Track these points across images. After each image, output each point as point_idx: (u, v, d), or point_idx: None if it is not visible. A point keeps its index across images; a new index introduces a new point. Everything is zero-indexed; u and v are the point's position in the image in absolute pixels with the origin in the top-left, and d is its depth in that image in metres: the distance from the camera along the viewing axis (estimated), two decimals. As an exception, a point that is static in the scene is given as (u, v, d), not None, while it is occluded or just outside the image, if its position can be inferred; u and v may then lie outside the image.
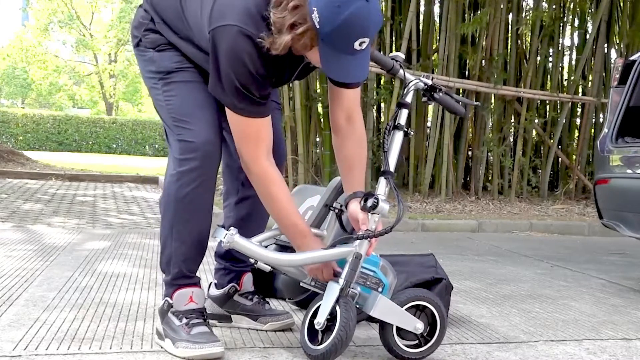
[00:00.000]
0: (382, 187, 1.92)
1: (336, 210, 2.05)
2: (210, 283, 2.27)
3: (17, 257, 3.30)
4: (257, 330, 2.15)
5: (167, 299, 1.95)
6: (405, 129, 2.01)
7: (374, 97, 7.42)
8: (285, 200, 1.91)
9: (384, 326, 1.89)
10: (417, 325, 1.88)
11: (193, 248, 1.96)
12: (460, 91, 7.99)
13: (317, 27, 1.65)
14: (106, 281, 2.83)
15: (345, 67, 1.74)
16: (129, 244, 3.95)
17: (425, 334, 1.92)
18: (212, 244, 2.14)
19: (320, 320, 1.79)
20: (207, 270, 3.01)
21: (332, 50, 1.69)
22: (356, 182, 2.04)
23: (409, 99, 2.05)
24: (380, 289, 1.91)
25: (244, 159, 1.89)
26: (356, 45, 1.68)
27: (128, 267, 3.18)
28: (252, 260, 1.89)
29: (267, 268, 1.89)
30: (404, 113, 2.03)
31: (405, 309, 1.89)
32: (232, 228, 1.86)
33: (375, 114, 8.00)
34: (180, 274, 1.95)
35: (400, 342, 1.90)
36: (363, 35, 1.67)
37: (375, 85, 7.41)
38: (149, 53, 2.00)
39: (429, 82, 2.08)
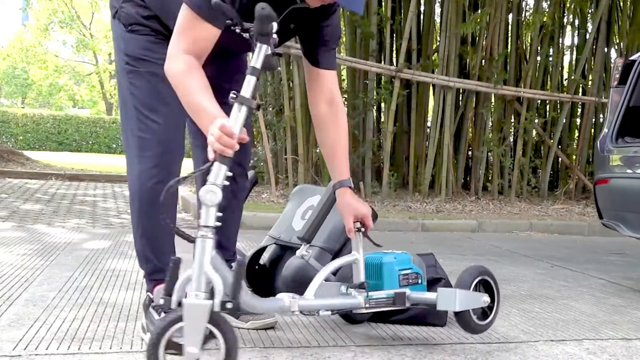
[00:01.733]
0: (214, 174, 1.62)
1: (362, 230, 2.01)
2: None
3: (17, 256, 3.30)
4: (240, 329, 2.14)
5: (149, 293, 1.99)
6: (249, 103, 1.65)
7: (374, 97, 7.42)
8: (197, 88, 1.72)
9: (460, 312, 1.95)
10: (485, 299, 1.98)
11: (161, 243, 1.99)
12: (461, 91, 8.00)
13: None
14: (106, 281, 2.83)
15: None
16: (129, 244, 3.95)
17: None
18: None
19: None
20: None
21: None
22: (343, 169, 2.05)
23: (254, 63, 1.68)
24: (420, 281, 1.99)
25: (170, 52, 1.78)
26: None
27: (128, 267, 3.18)
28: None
29: (327, 313, 1.88)
30: (249, 81, 1.67)
31: (472, 290, 1.97)
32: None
33: (375, 114, 8.00)
34: (156, 269, 1.99)
35: (475, 318, 1.99)
36: None
37: (375, 85, 7.41)
38: (120, 30, 2.00)
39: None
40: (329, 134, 2.05)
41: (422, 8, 8.16)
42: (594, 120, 8.52)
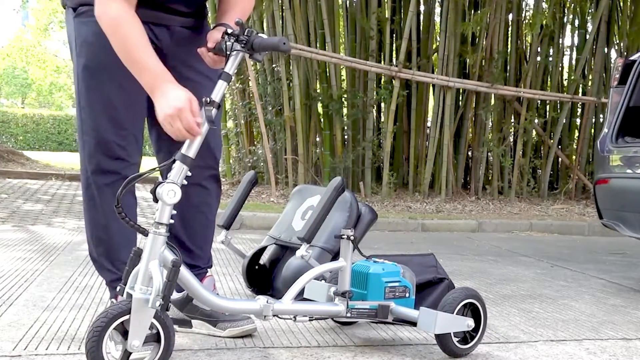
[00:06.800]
0: (175, 172, 1.69)
1: (351, 238, 1.95)
2: None
3: (17, 257, 3.30)
4: (215, 336, 2.05)
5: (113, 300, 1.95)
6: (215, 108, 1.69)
7: (374, 97, 7.42)
8: (138, 38, 1.68)
9: (442, 335, 1.91)
10: (469, 323, 1.94)
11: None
12: (461, 91, 8.00)
13: None
14: (106, 281, 2.83)
15: None
16: (129, 244, 3.95)
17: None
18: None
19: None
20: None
21: None
22: (231, 15, 1.88)
23: (228, 68, 1.75)
24: (407, 295, 1.97)
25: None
26: None
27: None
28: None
29: (305, 319, 1.88)
30: (220, 86, 1.74)
31: (456, 313, 1.92)
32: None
33: (375, 114, 8.00)
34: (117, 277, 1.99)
35: (456, 342, 1.95)
36: None
37: (375, 85, 7.40)
38: None
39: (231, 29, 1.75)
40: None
41: (421, 8, 8.16)
42: (594, 120, 8.51)
